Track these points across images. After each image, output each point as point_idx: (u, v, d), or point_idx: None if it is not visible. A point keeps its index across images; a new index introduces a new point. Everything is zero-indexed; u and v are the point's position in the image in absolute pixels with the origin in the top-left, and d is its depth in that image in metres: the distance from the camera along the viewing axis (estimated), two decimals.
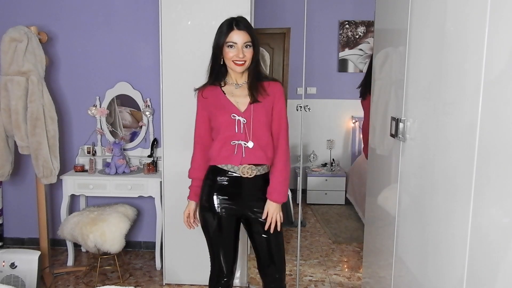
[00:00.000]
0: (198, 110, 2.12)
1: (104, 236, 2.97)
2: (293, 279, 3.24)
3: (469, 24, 1.42)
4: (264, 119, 2.02)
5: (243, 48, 1.96)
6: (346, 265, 3.53)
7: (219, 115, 2.02)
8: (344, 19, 5.33)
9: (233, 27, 1.97)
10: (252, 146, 1.99)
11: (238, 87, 2.05)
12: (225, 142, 2.00)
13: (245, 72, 2.05)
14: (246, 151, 1.99)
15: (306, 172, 5.27)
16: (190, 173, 2.17)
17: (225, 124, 2.00)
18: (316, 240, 4.07)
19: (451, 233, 1.49)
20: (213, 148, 2.04)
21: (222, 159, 2.02)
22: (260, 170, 2.03)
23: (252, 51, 1.99)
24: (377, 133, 2.48)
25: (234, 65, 1.98)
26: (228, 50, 1.97)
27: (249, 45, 1.98)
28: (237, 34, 1.96)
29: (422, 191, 1.79)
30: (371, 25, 5.24)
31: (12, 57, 2.89)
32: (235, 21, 1.99)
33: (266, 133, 2.03)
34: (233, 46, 1.96)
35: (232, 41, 1.96)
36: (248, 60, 1.99)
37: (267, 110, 2.03)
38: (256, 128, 2.00)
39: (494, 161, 1.24)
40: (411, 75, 1.94)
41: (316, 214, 4.83)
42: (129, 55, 3.55)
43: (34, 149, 2.95)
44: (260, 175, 2.04)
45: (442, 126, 1.59)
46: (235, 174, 2.02)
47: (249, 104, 2.01)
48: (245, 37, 1.96)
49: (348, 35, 5.34)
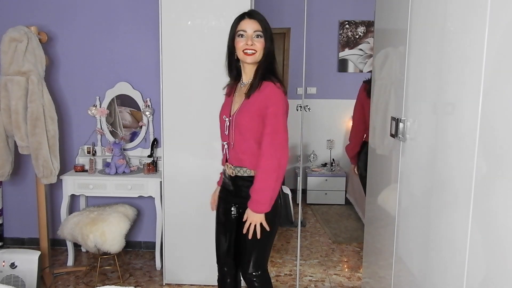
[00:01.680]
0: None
1: (104, 236, 2.97)
2: (293, 279, 3.24)
3: (469, 24, 1.42)
4: (246, 122, 1.92)
5: (253, 37, 1.91)
6: (346, 265, 3.53)
7: (220, 115, 2.10)
8: (344, 19, 5.33)
9: (244, 17, 1.95)
10: (232, 148, 2.00)
11: (242, 86, 2.03)
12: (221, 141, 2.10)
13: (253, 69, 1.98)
14: (229, 152, 2.03)
15: (306, 172, 5.27)
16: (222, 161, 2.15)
17: (220, 125, 2.09)
18: (316, 240, 4.07)
19: (451, 233, 1.49)
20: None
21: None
22: (240, 171, 1.99)
23: (263, 42, 1.92)
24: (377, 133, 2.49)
25: (244, 55, 1.92)
26: (238, 40, 1.93)
27: (260, 35, 1.92)
28: (247, 22, 1.92)
29: (422, 191, 1.79)
30: (371, 25, 5.25)
31: (12, 57, 2.88)
32: (248, 12, 1.97)
33: (247, 137, 1.94)
34: (243, 35, 1.92)
35: (242, 29, 1.92)
36: (258, 51, 1.92)
37: (252, 113, 1.91)
38: (236, 131, 1.96)
39: (494, 160, 1.24)
40: (411, 75, 1.94)
41: (316, 214, 4.83)
42: (129, 55, 3.55)
43: (34, 149, 2.95)
44: (241, 177, 2.00)
45: (442, 126, 1.59)
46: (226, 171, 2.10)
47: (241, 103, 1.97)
48: (256, 25, 1.92)
49: (348, 35, 5.34)
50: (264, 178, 1.88)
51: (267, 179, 1.88)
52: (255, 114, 1.91)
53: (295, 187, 5.37)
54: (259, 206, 1.90)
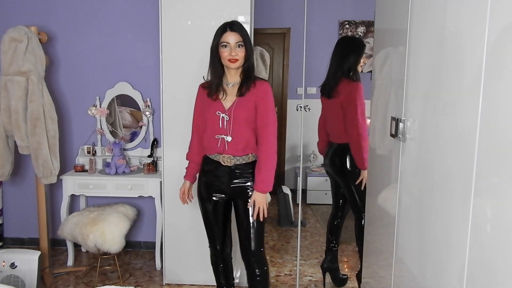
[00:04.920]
0: (196, 103, 2.40)
1: (104, 236, 2.97)
2: (293, 279, 3.24)
3: (469, 24, 1.42)
4: (245, 116, 2.23)
5: (235, 47, 2.19)
6: (346, 265, 3.53)
7: (207, 112, 2.30)
8: (344, 19, 5.33)
9: (226, 29, 2.21)
10: (231, 140, 2.24)
11: (230, 86, 2.28)
12: (211, 136, 2.29)
13: (237, 72, 2.27)
14: (228, 144, 2.25)
15: (306, 172, 5.27)
16: (187, 156, 2.47)
17: (211, 120, 2.28)
18: (316, 240, 4.07)
19: (451, 233, 1.49)
20: (204, 140, 2.35)
21: (210, 150, 2.32)
22: (239, 160, 2.28)
23: (244, 51, 2.21)
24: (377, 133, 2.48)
25: (229, 62, 2.20)
26: (222, 50, 2.21)
27: (241, 44, 2.20)
28: (229, 35, 2.19)
29: (422, 191, 1.79)
30: (371, 25, 5.24)
31: (12, 57, 2.89)
32: (229, 24, 2.23)
33: (246, 129, 2.25)
34: (227, 46, 2.19)
35: (225, 41, 2.20)
36: (240, 59, 2.21)
37: (249, 107, 2.23)
38: (235, 125, 2.24)
39: (494, 161, 1.24)
40: (411, 75, 1.94)
41: (316, 214, 4.83)
42: (129, 55, 3.55)
43: (34, 149, 2.95)
44: (241, 164, 2.28)
45: (442, 126, 1.59)
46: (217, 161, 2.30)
47: (234, 100, 2.24)
48: (237, 37, 2.19)
49: (348, 35, 5.34)
50: (268, 161, 2.23)
51: (271, 161, 2.24)
52: (252, 107, 2.24)
53: (295, 187, 5.38)
54: (265, 185, 2.22)
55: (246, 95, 2.23)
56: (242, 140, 2.25)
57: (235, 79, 2.28)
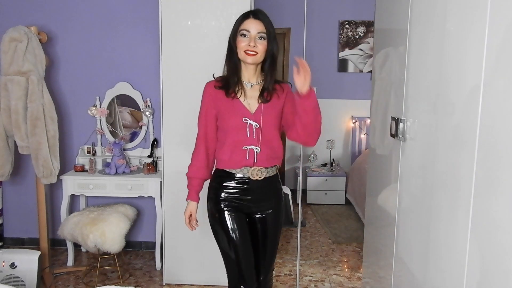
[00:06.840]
0: (204, 105, 1.98)
1: (104, 236, 2.97)
2: (293, 279, 3.24)
3: (469, 24, 1.42)
4: (274, 121, 1.94)
5: (256, 38, 1.86)
6: (346, 265, 3.53)
7: (228, 117, 1.92)
8: (344, 19, 5.33)
9: (249, 16, 1.89)
10: (261, 151, 1.91)
11: (250, 87, 1.95)
12: (235, 147, 1.91)
13: (257, 70, 1.95)
14: (258, 155, 1.91)
15: (306, 172, 5.27)
16: (190, 171, 2.04)
17: (236, 128, 1.91)
18: (316, 240, 4.07)
19: (452, 233, 1.49)
20: (223, 152, 1.94)
21: (232, 163, 1.93)
22: (269, 172, 1.96)
23: (265, 45, 1.87)
24: (377, 133, 2.49)
25: (245, 54, 1.86)
26: (240, 39, 1.87)
27: (263, 37, 1.87)
28: (251, 22, 1.87)
29: (422, 191, 1.79)
30: (371, 25, 5.25)
31: (12, 57, 2.88)
32: (253, 12, 1.91)
33: (276, 135, 1.95)
34: (246, 35, 1.86)
35: (245, 28, 1.86)
36: (260, 53, 1.87)
37: (277, 111, 1.94)
38: (266, 132, 1.92)
39: (494, 161, 1.24)
40: (411, 75, 1.94)
41: (316, 214, 4.83)
42: (129, 55, 3.55)
43: (34, 149, 2.95)
44: (269, 177, 1.97)
45: (442, 126, 1.59)
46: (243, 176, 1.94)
47: (258, 106, 1.93)
48: (260, 27, 1.86)
49: (348, 35, 5.34)
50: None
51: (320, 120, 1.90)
52: (279, 110, 1.96)
53: (295, 187, 5.38)
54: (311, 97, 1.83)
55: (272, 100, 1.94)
56: (274, 150, 1.96)
57: (255, 79, 1.95)
